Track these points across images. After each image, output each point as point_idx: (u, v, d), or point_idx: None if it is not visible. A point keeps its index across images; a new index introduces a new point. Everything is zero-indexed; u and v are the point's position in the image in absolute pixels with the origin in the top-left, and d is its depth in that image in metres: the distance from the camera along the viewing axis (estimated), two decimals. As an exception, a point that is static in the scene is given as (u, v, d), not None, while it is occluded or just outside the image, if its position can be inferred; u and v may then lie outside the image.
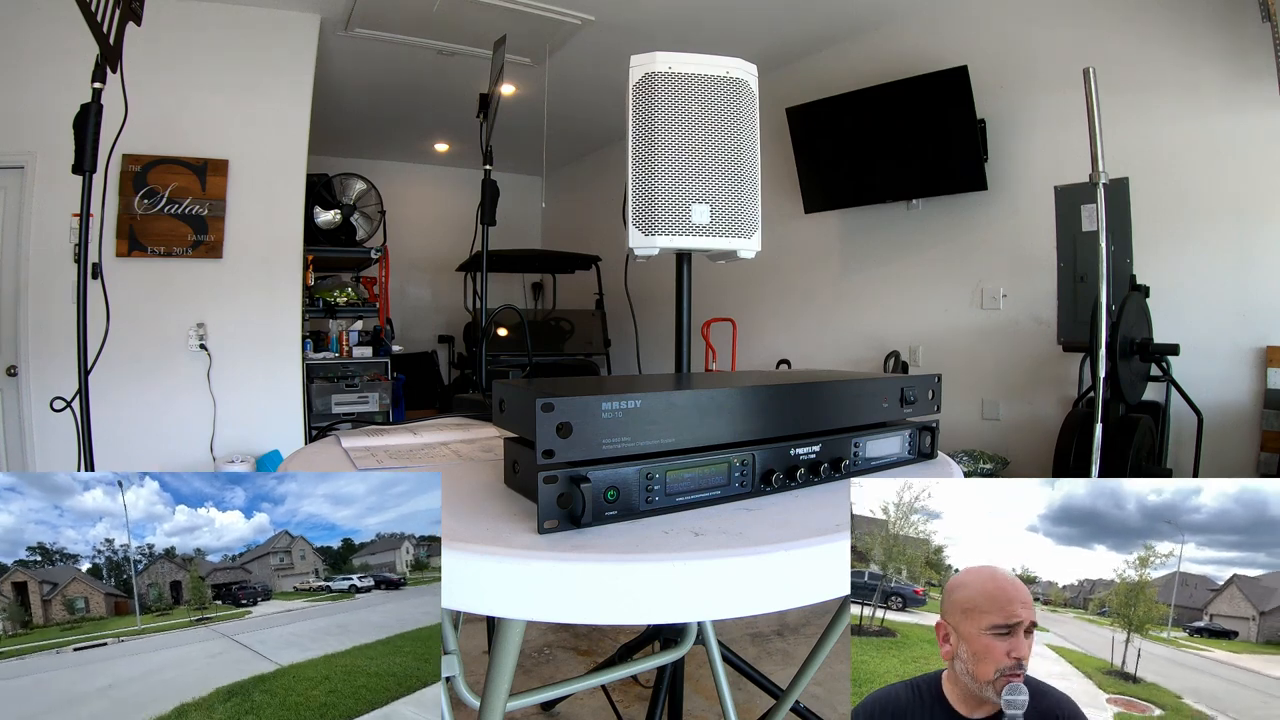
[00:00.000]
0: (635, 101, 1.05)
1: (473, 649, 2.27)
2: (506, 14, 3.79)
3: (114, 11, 1.75)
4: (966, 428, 3.75)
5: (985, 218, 3.71)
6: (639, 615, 0.55)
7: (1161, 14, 3.01)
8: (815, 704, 1.92)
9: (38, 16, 3.30)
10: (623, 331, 6.09)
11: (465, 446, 1.01)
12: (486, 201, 2.36)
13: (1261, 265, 2.79)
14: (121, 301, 2.30)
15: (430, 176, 7.45)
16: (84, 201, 1.74)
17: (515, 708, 1.36)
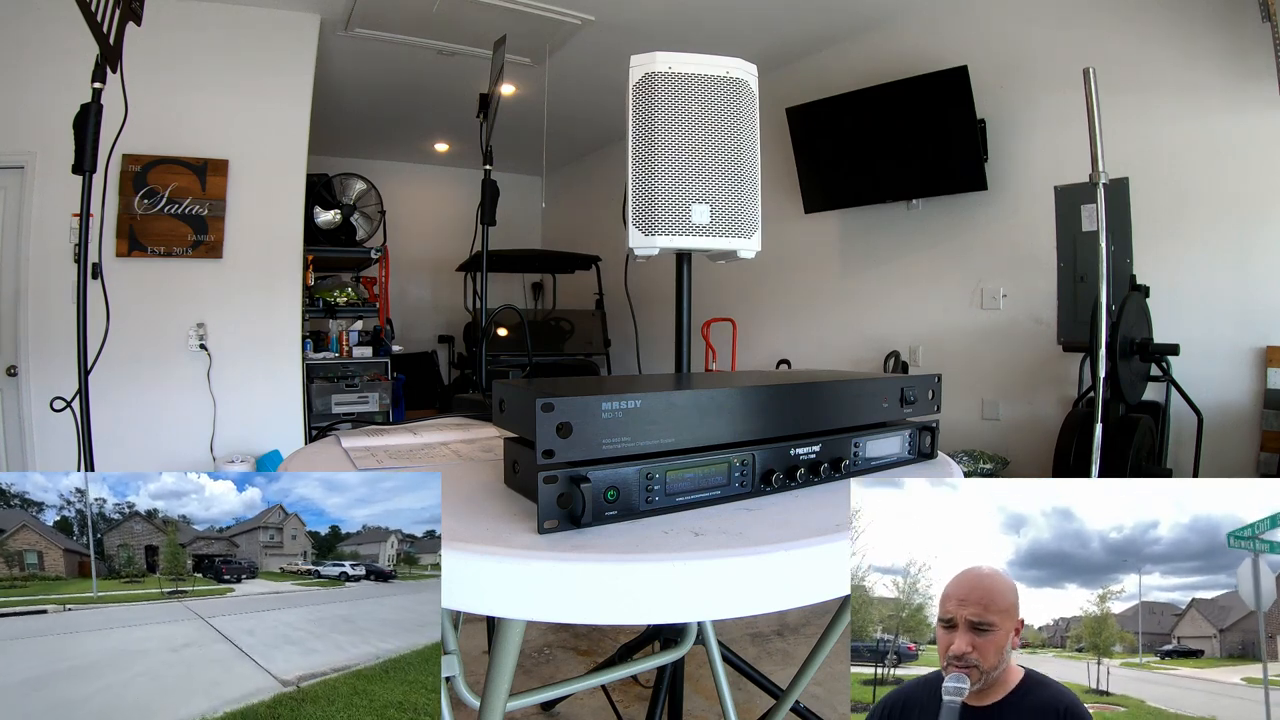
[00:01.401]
0: (635, 101, 1.05)
1: (473, 649, 2.27)
2: (506, 14, 3.79)
3: (114, 11, 1.75)
4: (966, 428, 3.75)
5: (985, 218, 3.71)
6: (639, 615, 0.55)
7: (1161, 14, 3.01)
8: (815, 704, 1.92)
9: (38, 16, 3.30)
10: (623, 331, 6.09)
11: (465, 446, 1.01)
12: (486, 201, 2.36)
13: (1261, 265, 2.79)
14: (121, 301, 2.30)
15: (430, 176, 7.45)
16: (84, 201, 1.74)
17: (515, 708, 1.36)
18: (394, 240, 5.02)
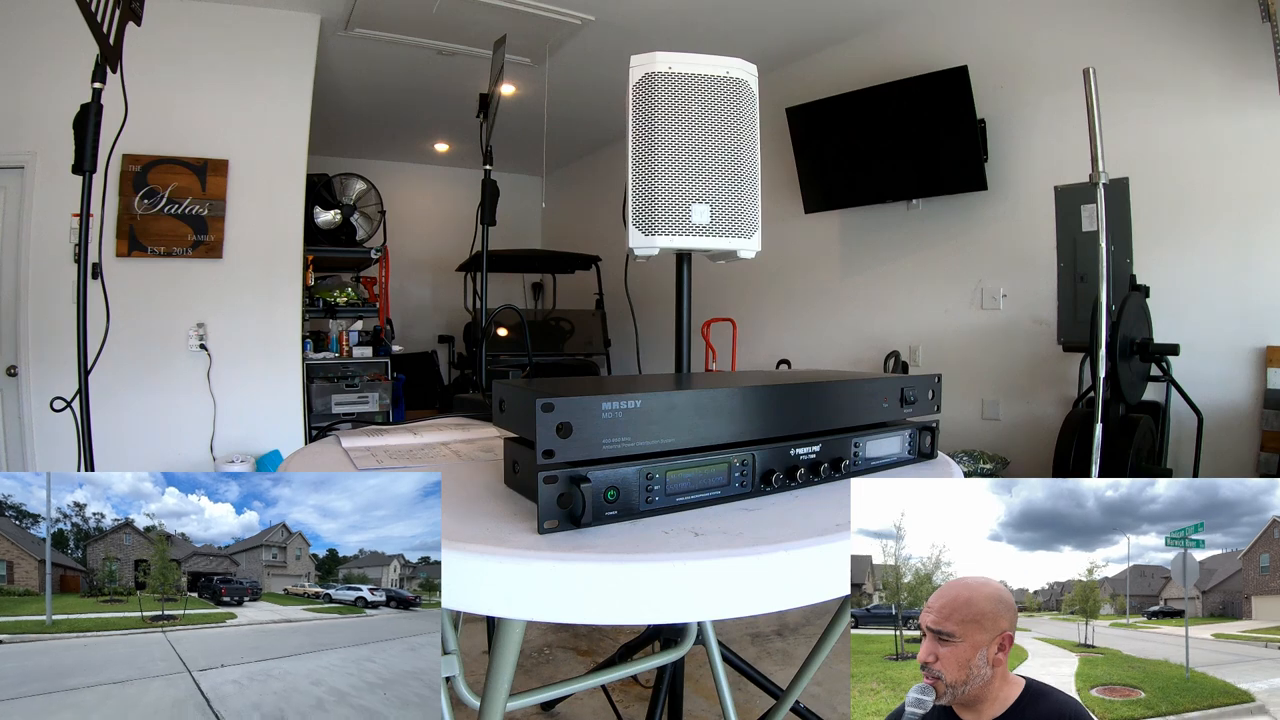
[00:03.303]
0: (635, 101, 1.05)
1: (473, 649, 2.27)
2: (506, 14, 3.79)
3: (114, 11, 1.75)
4: (966, 428, 3.75)
5: (985, 218, 3.71)
6: (639, 615, 0.55)
7: (1161, 14, 3.01)
8: (815, 704, 1.92)
9: (38, 16, 3.30)
10: (623, 331, 6.09)
11: (465, 446, 1.01)
12: (486, 201, 2.36)
13: (1261, 265, 2.79)
14: (121, 301, 2.31)
15: (430, 176, 7.45)
16: (84, 201, 1.74)
17: (515, 708, 1.36)
18: (394, 240, 5.02)
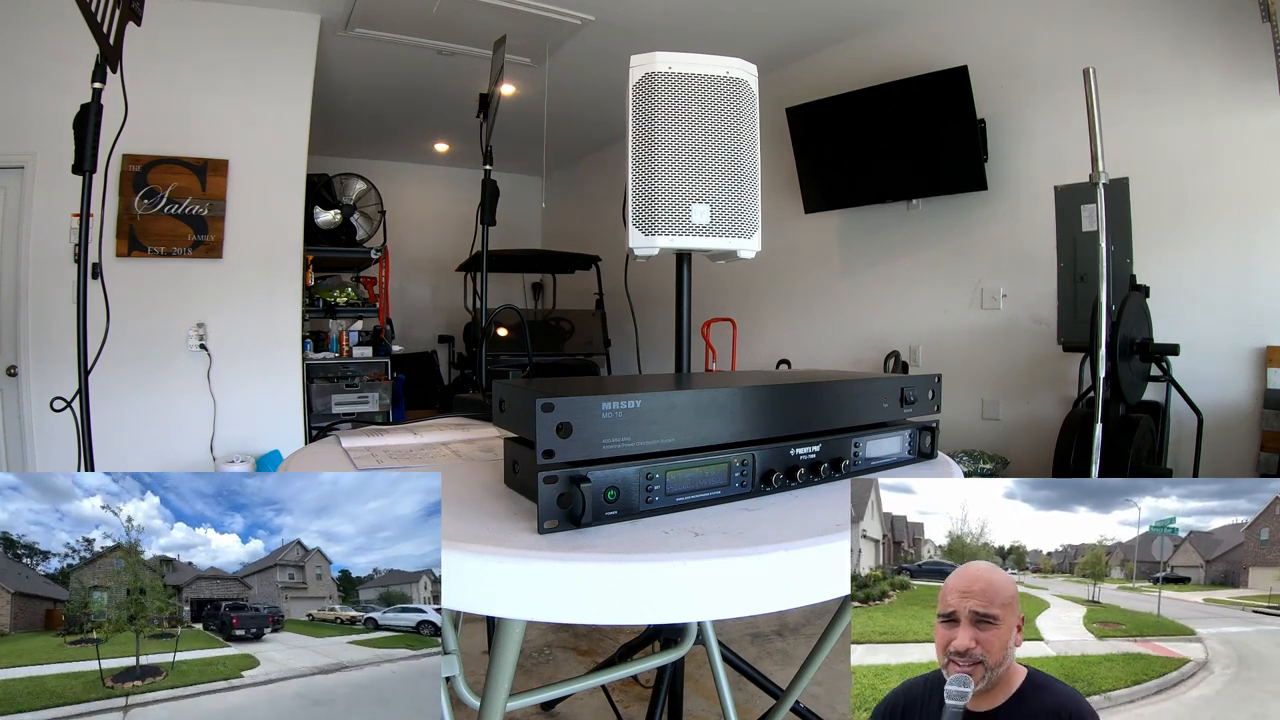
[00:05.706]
0: (635, 101, 1.05)
1: (473, 649, 2.27)
2: (506, 14, 3.79)
3: (114, 11, 1.75)
4: (966, 428, 3.75)
5: (985, 218, 3.71)
6: (639, 615, 0.55)
7: (1161, 14, 3.01)
8: (815, 704, 1.92)
9: (38, 17, 3.30)
10: (623, 331, 6.09)
11: (465, 446, 1.01)
12: (486, 201, 2.37)
13: (1261, 265, 2.79)
14: (121, 301, 2.31)
15: (430, 176, 7.45)
16: (84, 201, 1.74)
17: (515, 708, 1.36)
18: (394, 240, 5.02)
